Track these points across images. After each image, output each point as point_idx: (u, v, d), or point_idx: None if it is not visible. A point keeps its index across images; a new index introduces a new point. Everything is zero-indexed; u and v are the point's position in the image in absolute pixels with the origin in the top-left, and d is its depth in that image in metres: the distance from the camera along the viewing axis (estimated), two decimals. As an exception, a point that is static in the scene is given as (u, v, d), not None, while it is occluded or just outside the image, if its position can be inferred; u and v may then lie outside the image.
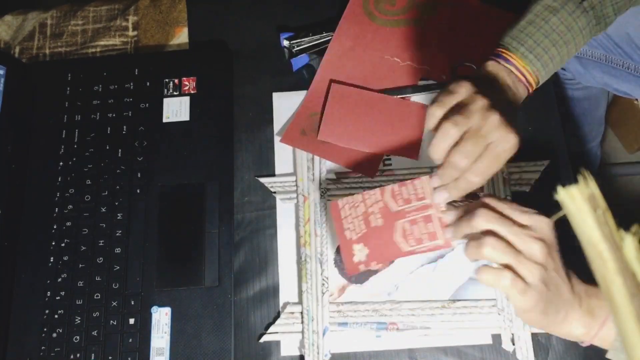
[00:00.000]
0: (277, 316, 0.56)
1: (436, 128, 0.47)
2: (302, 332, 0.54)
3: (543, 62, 0.50)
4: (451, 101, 0.47)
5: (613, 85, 0.79)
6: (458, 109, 0.46)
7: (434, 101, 0.48)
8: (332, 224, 0.53)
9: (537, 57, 0.50)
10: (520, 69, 0.50)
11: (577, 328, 0.45)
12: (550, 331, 0.46)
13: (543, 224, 0.43)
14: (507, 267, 0.42)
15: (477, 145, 0.45)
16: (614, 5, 0.51)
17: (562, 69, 0.83)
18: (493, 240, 0.41)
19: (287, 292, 0.57)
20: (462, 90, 0.47)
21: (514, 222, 0.42)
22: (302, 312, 0.55)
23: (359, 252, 0.51)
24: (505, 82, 0.50)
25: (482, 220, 0.42)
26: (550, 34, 0.50)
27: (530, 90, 0.51)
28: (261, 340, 0.55)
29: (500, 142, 0.45)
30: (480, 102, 0.46)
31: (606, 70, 0.76)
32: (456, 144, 0.46)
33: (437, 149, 0.47)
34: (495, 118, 0.45)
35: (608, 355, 0.45)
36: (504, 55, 0.50)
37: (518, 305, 0.43)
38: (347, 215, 0.52)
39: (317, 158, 0.60)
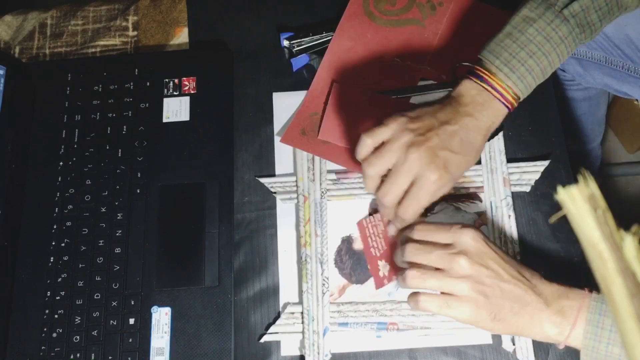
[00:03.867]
0: (278, 316, 0.56)
1: (365, 159, 0.50)
2: (303, 332, 0.54)
3: (519, 74, 0.49)
4: (381, 134, 0.49)
5: (613, 86, 0.78)
6: (382, 146, 0.49)
7: (366, 130, 0.49)
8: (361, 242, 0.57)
9: (512, 70, 0.48)
10: (494, 86, 0.49)
11: (549, 329, 0.45)
12: (522, 335, 0.48)
13: (464, 237, 0.46)
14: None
15: (395, 184, 0.48)
16: (599, 11, 0.49)
17: (562, 70, 0.83)
18: (413, 272, 0.47)
19: (287, 292, 0.57)
20: (393, 125, 0.48)
21: (438, 244, 0.47)
22: (302, 312, 0.55)
23: (383, 268, 0.55)
24: (475, 101, 0.49)
25: (409, 255, 0.48)
26: (527, 45, 0.48)
27: (510, 106, 0.50)
28: (261, 341, 0.55)
29: (420, 178, 0.47)
30: (405, 139, 0.47)
31: (606, 71, 0.76)
32: (383, 180, 0.49)
33: (367, 188, 0.51)
34: (415, 155, 0.47)
35: (582, 357, 0.45)
36: (478, 72, 0.50)
37: (455, 318, 0.47)
38: (371, 234, 0.56)
39: (317, 158, 0.60)
